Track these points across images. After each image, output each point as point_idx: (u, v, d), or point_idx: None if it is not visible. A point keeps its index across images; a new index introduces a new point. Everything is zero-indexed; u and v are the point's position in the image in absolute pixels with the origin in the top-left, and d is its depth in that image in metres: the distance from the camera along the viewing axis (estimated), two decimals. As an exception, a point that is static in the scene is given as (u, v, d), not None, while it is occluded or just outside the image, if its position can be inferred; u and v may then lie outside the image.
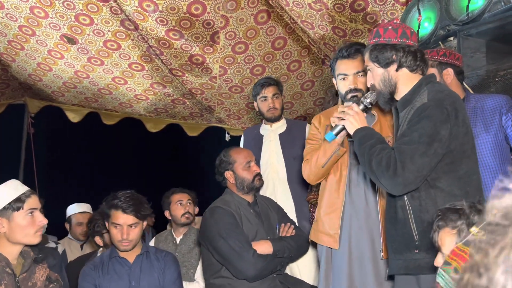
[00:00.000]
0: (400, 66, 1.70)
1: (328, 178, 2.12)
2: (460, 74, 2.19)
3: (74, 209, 3.42)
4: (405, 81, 1.72)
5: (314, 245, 2.28)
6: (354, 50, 2.05)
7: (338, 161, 2.06)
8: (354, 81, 2.03)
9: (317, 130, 2.19)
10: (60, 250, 2.98)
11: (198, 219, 3.08)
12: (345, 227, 2.03)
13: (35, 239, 1.85)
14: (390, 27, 1.72)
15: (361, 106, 1.83)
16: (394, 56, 1.69)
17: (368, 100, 1.83)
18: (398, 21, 1.81)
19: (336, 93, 2.52)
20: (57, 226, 3.22)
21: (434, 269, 1.50)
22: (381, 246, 1.95)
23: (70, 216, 3.41)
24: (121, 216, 2.13)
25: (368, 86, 1.80)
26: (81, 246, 3.38)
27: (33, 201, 1.86)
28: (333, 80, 2.18)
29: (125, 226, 2.12)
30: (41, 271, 1.89)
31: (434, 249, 1.49)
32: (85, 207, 3.45)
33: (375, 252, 1.97)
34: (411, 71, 1.71)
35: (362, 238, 1.99)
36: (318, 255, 2.19)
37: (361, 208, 2.01)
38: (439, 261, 1.29)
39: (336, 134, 1.85)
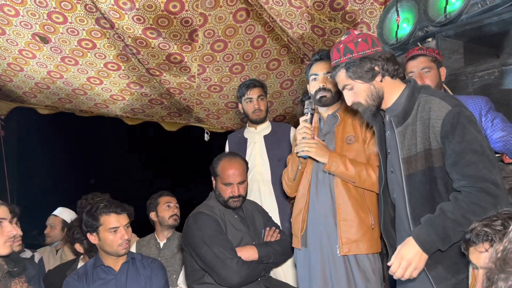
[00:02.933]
0: (383, 76, 1.65)
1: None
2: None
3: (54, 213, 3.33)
4: (390, 89, 1.68)
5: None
6: (326, 53, 2.15)
7: (306, 167, 2.17)
8: (323, 80, 2.13)
9: (294, 143, 2.28)
10: (36, 259, 2.87)
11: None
12: (314, 227, 2.10)
13: (4, 250, 1.81)
14: (360, 39, 1.65)
15: (309, 115, 2.07)
16: (376, 68, 1.64)
17: (310, 110, 2.07)
18: (359, 31, 1.71)
19: (301, 101, 2.59)
20: (30, 235, 3.08)
21: None
22: (337, 243, 2.02)
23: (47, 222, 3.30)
24: (116, 218, 2.10)
25: (349, 104, 1.74)
26: (56, 251, 3.27)
27: (1, 211, 1.82)
28: (307, 86, 2.27)
29: (122, 227, 2.10)
30: (17, 286, 1.82)
31: None
32: (58, 211, 3.35)
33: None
34: (393, 77, 1.68)
35: (331, 236, 2.05)
36: (294, 258, 2.27)
37: (328, 207, 2.08)
38: None
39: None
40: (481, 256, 1.27)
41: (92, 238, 2.13)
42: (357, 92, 1.67)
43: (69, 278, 2.12)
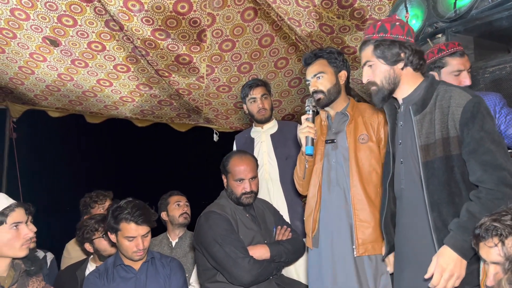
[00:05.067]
0: (406, 65, 1.67)
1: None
2: None
3: None
4: (409, 80, 1.70)
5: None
6: (309, 57, 2.21)
7: (316, 167, 2.18)
8: (314, 83, 2.17)
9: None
10: (49, 259, 2.89)
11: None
12: (326, 227, 2.10)
13: (21, 252, 1.83)
14: (397, 23, 1.67)
15: (310, 113, 2.09)
16: (402, 54, 1.66)
17: (311, 107, 2.10)
18: (399, 17, 1.73)
19: None
20: (43, 236, 3.10)
21: None
22: (354, 244, 2.02)
23: None
24: (135, 229, 2.08)
25: (364, 82, 1.76)
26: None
27: (18, 215, 1.82)
28: None
29: (139, 237, 2.10)
30: (34, 284, 1.85)
31: None
32: None
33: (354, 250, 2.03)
34: (415, 70, 1.69)
35: (343, 236, 2.05)
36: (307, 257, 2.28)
37: (341, 207, 2.07)
38: None
39: (312, 145, 2.07)
40: (490, 251, 1.27)
41: (112, 237, 2.16)
42: (376, 71, 1.70)
43: (90, 276, 2.16)
